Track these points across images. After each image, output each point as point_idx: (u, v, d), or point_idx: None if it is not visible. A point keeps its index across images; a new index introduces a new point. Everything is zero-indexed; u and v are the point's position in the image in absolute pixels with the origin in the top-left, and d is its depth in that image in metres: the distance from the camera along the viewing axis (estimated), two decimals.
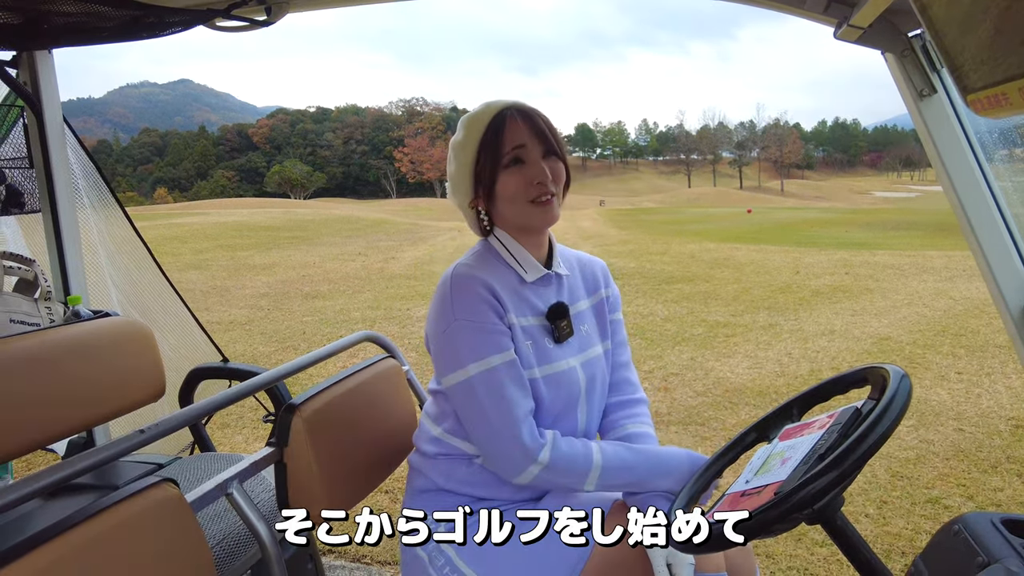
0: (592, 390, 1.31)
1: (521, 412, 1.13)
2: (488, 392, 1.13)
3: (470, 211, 1.29)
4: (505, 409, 1.12)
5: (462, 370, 1.14)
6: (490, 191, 1.22)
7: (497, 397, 1.12)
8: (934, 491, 2.86)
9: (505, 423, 1.12)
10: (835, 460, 0.81)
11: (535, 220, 1.22)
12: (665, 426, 3.78)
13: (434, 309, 1.20)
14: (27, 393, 1.48)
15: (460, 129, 1.25)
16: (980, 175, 1.25)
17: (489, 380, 1.13)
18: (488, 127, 1.21)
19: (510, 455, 1.13)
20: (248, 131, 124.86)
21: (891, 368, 0.94)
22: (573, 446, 1.17)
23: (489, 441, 1.15)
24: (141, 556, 0.98)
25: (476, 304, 1.15)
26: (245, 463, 1.27)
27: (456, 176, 1.26)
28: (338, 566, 2.42)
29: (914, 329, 5.76)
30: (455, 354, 1.14)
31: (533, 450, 1.12)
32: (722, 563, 1.21)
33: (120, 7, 1.54)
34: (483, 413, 1.13)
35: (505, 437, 1.12)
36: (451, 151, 1.27)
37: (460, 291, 1.16)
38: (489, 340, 1.14)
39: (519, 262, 1.25)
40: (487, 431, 1.14)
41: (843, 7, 1.27)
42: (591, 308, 1.37)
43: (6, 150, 2.07)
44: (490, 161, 1.20)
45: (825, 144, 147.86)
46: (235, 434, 3.89)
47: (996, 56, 0.51)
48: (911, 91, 1.26)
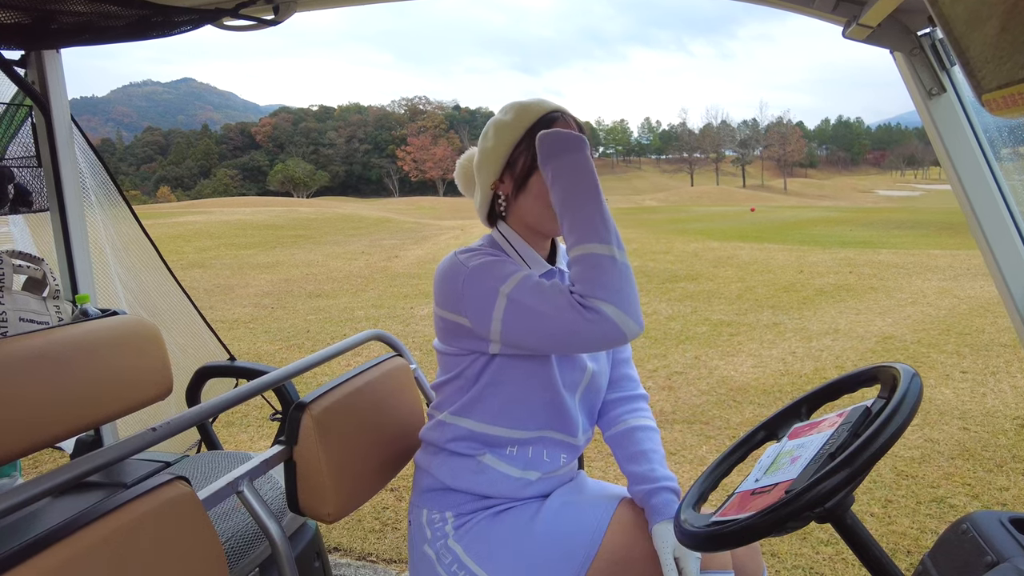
0: (593, 381, 1.31)
1: (565, 297, 1.06)
2: (531, 294, 1.07)
3: (488, 192, 1.26)
4: (551, 296, 1.06)
5: (497, 300, 1.08)
6: (521, 182, 1.21)
7: (539, 294, 1.07)
8: (939, 490, 2.86)
9: (567, 306, 1.04)
10: (846, 459, 0.81)
11: (554, 227, 1.22)
12: (669, 424, 3.78)
13: (444, 282, 1.17)
14: (36, 391, 1.49)
15: (509, 112, 1.23)
16: (989, 174, 1.25)
17: (523, 286, 1.08)
18: (540, 120, 1.20)
19: (580, 329, 1.04)
20: (251, 130, 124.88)
21: (902, 367, 0.94)
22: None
23: (559, 330, 1.05)
24: (155, 553, 0.98)
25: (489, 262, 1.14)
26: (255, 461, 1.28)
27: (491, 153, 1.23)
28: (344, 564, 2.43)
29: (918, 328, 5.75)
30: (483, 294, 1.10)
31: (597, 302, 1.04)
32: (729, 562, 1.22)
33: (128, 6, 1.54)
34: (539, 313, 1.06)
35: (566, 319, 1.04)
36: (492, 128, 1.24)
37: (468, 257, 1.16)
38: (507, 266, 1.12)
39: (523, 258, 1.25)
40: (553, 324, 1.05)
41: (852, 6, 1.27)
42: None
43: (14, 149, 2.08)
44: (531, 153, 1.19)
45: (828, 142, 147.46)
46: (240, 432, 3.90)
47: (1010, 55, 0.51)
48: (920, 90, 1.26)
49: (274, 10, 1.68)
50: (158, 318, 2.56)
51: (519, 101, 1.24)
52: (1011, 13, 0.48)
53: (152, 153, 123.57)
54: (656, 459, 1.31)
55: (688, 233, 16.62)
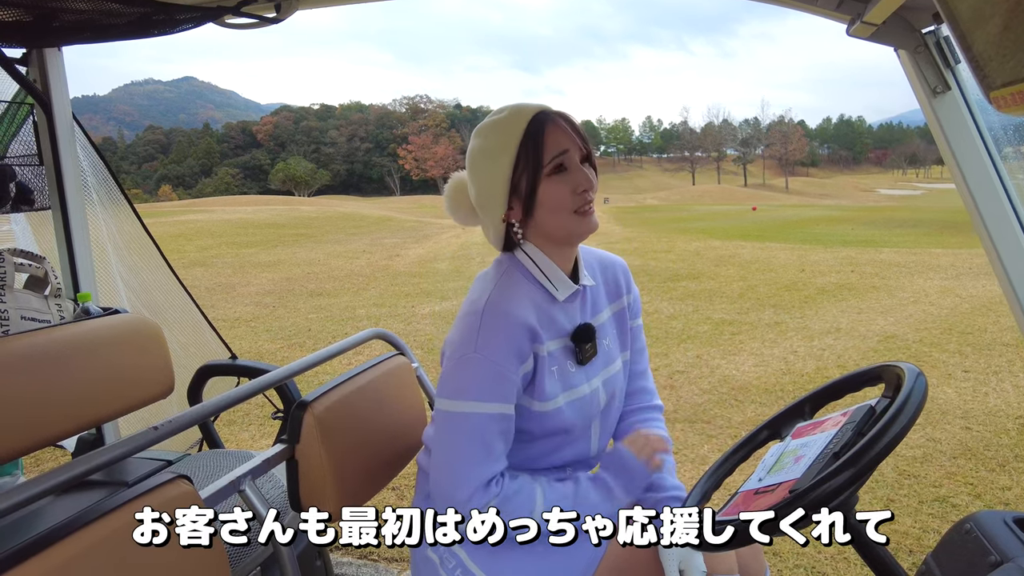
0: (609, 407, 1.29)
1: (488, 472, 1.08)
2: (474, 434, 1.07)
3: (500, 226, 1.18)
4: (478, 459, 1.07)
5: (461, 401, 1.08)
6: (529, 202, 1.12)
7: (479, 442, 1.07)
8: (942, 490, 2.85)
9: (468, 473, 1.07)
10: (851, 458, 0.81)
11: (579, 229, 1.14)
12: (671, 423, 3.77)
13: (459, 331, 1.12)
14: (38, 390, 1.48)
15: (487, 136, 1.14)
16: (994, 172, 1.25)
17: (480, 424, 1.07)
18: (527, 133, 1.10)
19: (456, 499, 1.07)
20: (252, 128, 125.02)
21: (906, 366, 0.93)
22: (520, 494, 1.10)
23: (451, 475, 1.09)
24: (158, 551, 0.98)
25: (501, 346, 1.08)
26: (258, 460, 1.28)
27: (489, 189, 1.14)
28: (345, 563, 2.42)
29: (920, 327, 5.74)
30: (461, 384, 1.09)
31: (476, 507, 1.06)
32: (735, 564, 1.20)
33: (130, 4, 1.54)
34: (456, 449, 1.08)
35: (462, 482, 1.07)
36: (478, 160, 1.15)
37: (491, 326, 1.09)
38: (498, 386, 1.08)
39: (550, 279, 1.18)
40: (449, 469, 1.09)
41: (856, 4, 1.27)
42: (612, 317, 1.32)
43: (16, 147, 2.08)
44: (531, 168, 1.10)
45: (830, 141, 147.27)
46: (241, 431, 3.90)
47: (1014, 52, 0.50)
48: (924, 88, 1.26)
49: (276, 8, 1.67)
50: (160, 316, 2.56)
51: (493, 118, 1.15)
52: (1014, 11, 0.48)
53: (153, 152, 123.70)
54: (665, 468, 1.29)
55: (690, 232, 16.61)
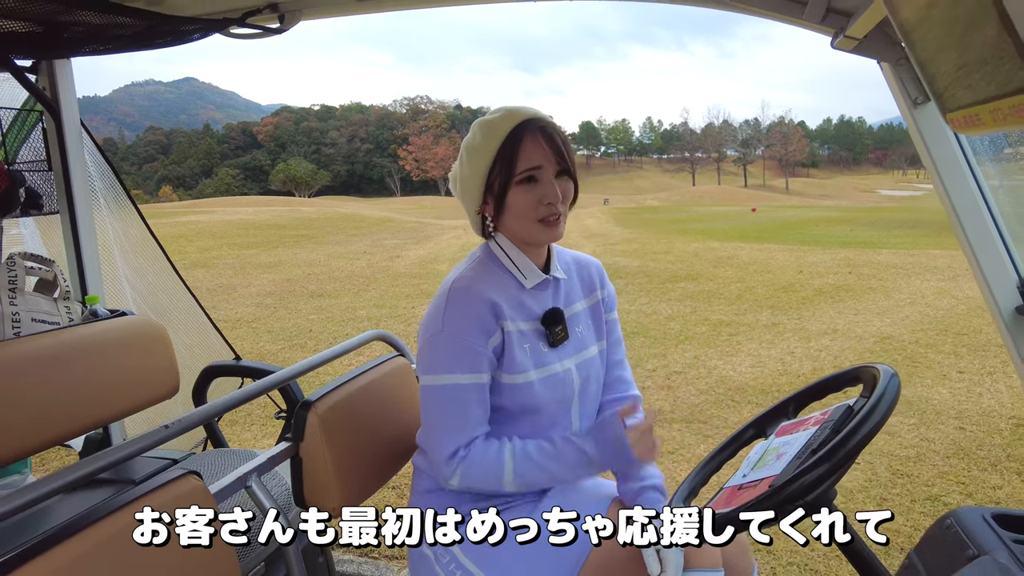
0: (586, 390, 1.35)
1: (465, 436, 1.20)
2: (448, 403, 1.20)
3: (476, 216, 1.30)
4: (457, 424, 1.20)
5: (434, 375, 1.20)
6: (500, 202, 1.23)
7: (454, 411, 1.20)
8: (934, 489, 2.89)
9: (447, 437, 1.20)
10: (826, 454, 0.85)
11: (540, 238, 1.25)
12: (668, 424, 3.81)
13: (429, 312, 1.24)
14: (47, 390, 1.53)
15: (476, 132, 1.24)
16: (972, 180, 1.29)
17: (453, 394, 1.19)
18: (507, 140, 1.20)
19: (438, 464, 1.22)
20: (253, 129, 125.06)
21: (882, 367, 0.98)
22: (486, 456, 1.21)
23: (430, 444, 1.24)
24: (167, 547, 1.02)
25: (466, 321, 1.19)
26: (263, 458, 1.32)
27: (468, 181, 1.26)
28: (347, 560, 2.47)
29: (916, 328, 5.78)
30: (433, 360, 1.21)
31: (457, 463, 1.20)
32: (719, 559, 1.24)
33: (137, 17, 1.59)
34: (435, 416, 1.22)
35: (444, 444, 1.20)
36: (465, 153, 1.26)
37: (455, 304, 1.20)
38: (466, 358, 1.19)
39: (519, 268, 1.28)
40: (434, 436, 1.22)
41: (840, 18, 1.31)
42: (587, 309, 1.39)
43: (25, 153, 2.13)
44: (503, 174, 1.20)
45: (830, 142, 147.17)
46: (243, 431, 3.95)
47: (966, 81, 0.55)
48: (906, 99, 1.31)
49: (279, 19, 1.72)
50: (165, 318, 2.60)
51: (489, 116, 1.25)
52: (965, 45, 0.53)
53: (154, 152, 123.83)
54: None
55: (689, 233, 16.65)
